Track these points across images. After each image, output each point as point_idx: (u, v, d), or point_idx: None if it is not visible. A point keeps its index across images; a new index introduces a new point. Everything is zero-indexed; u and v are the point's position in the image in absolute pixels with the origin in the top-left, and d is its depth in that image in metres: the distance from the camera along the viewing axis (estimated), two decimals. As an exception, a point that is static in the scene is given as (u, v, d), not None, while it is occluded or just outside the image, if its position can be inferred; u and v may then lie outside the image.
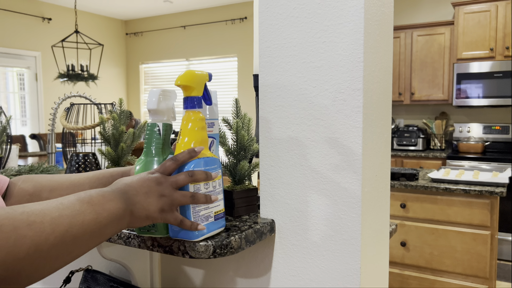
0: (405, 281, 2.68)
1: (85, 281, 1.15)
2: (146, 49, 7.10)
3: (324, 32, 0.84)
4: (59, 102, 1.77)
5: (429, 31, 4.44)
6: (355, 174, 0.83)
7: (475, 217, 2.43)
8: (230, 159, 0.98)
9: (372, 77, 0.85)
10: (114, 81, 7.10)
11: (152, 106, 0.82)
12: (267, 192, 0.95)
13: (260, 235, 0.87)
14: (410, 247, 2.64)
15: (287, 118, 0.90)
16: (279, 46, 0.90)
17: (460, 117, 4.67)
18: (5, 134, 1.66)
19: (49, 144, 1.81)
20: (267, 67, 0.91)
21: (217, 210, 0.79)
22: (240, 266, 1.01)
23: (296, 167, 0.90)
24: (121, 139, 1.26)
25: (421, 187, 2.52)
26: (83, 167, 1.21)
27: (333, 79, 0.84)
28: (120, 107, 1.29)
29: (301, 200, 0.90)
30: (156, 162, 0.80)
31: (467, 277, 2.50)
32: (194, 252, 0.76)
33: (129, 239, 0.84)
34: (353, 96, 0.82)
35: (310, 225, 0.89)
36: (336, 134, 0.84)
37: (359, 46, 0.81)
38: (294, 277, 0.92)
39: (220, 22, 6.35)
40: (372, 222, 0.89)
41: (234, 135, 0.96)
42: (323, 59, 0.85)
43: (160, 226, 0.79)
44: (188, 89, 0.77)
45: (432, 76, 4.47)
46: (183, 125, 0.77)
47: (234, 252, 0.79)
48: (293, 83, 0.88)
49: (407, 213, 2.62)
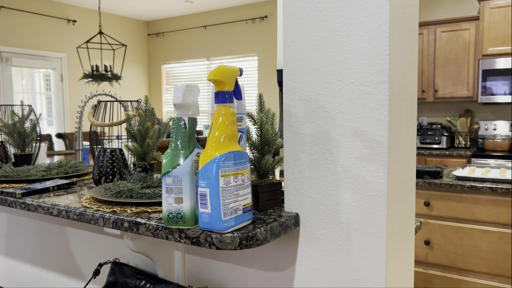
0: (429, 280, 2.64)
1: (113, 274, 1.18)
2: (167, 49, 7.19)
3: (349, 25, 0.84)
4: (85, 100, 1.82)
5: (453, 27, 4.35)
6: (381, 168, 0.83)
7: (502, 215, 2.37)
8: (254, 153, 0.99)
9: (397, 70, 0.85)
10: (136, 81, 7.21)
11: (178, 100, 0.83)
12: (291, 186, 0.95)
13: (285, 228, 0.88)
14: (434, 246, 2.60)
15: (311, 112, 0.90)
16: (303, 40, 0.90)
17: (486, 115, 4.57)
18: (34, 132, 1.71)
19: (76, 141, 1.86)
20: (291, 61, 0.92)
21: (246, 203, 0.80)
22: (264, 259, 1.02)
23: (321, 161, 0.90)
24: (147, 135, 1.28)
25: (445, 185, 2.48)
26: (110, 163, 1.24)
27: (358, 72, 0.84)
28: (146, 104, 1.31)
29: (326, 194, 0.90)
30: (183, 155, 0.82)
31: (494, 277, 2.45)
32: (221, 244, 0.77)
33: (157, 231, 0.85)
34: (378, 89, 0.82)
35: (335, 219, 0.89)
36: (361, 127, 0.84)
37: (384, 39, 0.81)
38: (318, 271, 0.93)
39: (241, 21, 6.37)
40: (397, 216, 0.89)
41: (258, 130, 0.97)
42: (348, 52, 0.85)
43: (188, 218, 0.80)
44: (220, 84, 0.78)
45: (456, 73, 4.39)
46: (214, 119, 0.78)
47: (259, 244, 0.80)
48: (317, 77, 0.89)
49: (431, 211, 2.58)
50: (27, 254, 1.62)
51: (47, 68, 5.95)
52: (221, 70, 0.79)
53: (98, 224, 0.95)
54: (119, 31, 6.88)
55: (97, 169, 1.24)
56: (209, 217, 0.78)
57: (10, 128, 1.65)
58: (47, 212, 1.06)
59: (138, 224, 0.88)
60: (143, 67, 7.35)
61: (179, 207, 0.81)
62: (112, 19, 6.76)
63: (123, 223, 0.91)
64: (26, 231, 1.61)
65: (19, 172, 1.39)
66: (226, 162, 0.77)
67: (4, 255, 1.70)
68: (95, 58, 6.35)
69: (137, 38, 7.22)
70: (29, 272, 1.61)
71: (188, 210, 0.80)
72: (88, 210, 0.98)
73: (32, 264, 1.60)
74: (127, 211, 0.95)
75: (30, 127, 1.68)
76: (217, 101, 0.80)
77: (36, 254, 1.58)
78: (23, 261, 1.63)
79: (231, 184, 0.78)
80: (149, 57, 7.42)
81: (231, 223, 0.78)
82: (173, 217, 0.81)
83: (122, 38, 6.89)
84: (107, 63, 4.92)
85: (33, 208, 1.09)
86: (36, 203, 1.09)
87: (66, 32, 6.13)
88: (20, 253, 1.64)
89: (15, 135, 1.66)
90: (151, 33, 7.33)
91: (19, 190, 1.15)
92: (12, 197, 1.14)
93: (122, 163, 1.26)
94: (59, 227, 1.49)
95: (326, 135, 0.89)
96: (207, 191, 0.77)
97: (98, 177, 1.23)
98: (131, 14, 6.82)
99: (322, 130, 0.89)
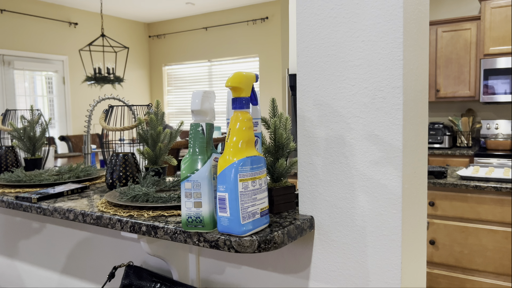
0: (434, 279, 2.66)
1: (127, 277, 1.20)
2: (168, 51, 7.20)
3: (362, 31, 0.86)
4: (94, 104, 1.83)
5: (454, 26, 4.37)
6: (396, 171, 0.84)
7: (507, 215, 2.39)
8: (268, 157, 1.00)
9: (410, 74, 0.86)
10: (138, 83, 7.23)
11: (196, 107, 0.85)
12: (305, 189, 0.97)
13: (300, 231, 0.89)
14: (439, 246, 2.62)
15: (325, 116, 0.92)
16: (317, 46, 0.92)
17: (488, 114, 4.58)
18: (44, 137, 1.72)
19: (85, 145, 1.87)
20: (305, 66, 0.93)
21: (263, 207, 0.82)
22: (279, 262, 1.04)
23: (335, 165, 0.91)
24: (159, 139, 1.30)
25: (450, 184, 2.49)
26: (123, 167, 1.25)
27: (372, 77, 0.85)
28: (157, 109, 1.33)
29: (341, 197, 0.91)
30: (201, 160, 0.83)
31: (499, 276, 2.46)
32: (240, 247, 0.79)
33: (176, 234, 0.87)
34: (392, 94, 0.83)
35: (350, 222, 0.91)
36: (376, 131, 0.85)
37: (398, 44, 0.82)
38: (333, 272, 0.94)
39: (242, 22, 6.39)
40: (411, 218, 0.90)
41: (272, 134, 0.99)
42: (362, 57, 0.86)
43: (207, 221, 0.82)
44: (237, 90, 0.79)
45: (457, 72, 4.40)
46: (232, 124, 0.80)
47: (277, 247, 0.82)
48: (331, 82, 0.90)
49: (436, 211, 2.60)
50: (40, 258, 1.63)
51: (49, 71, 5.97)
52: (238, 76, 0.80)
53: (115, 228, 0.97)
54: (120, 33, 6.89)
55: (110, 173, 1.26)
56: (228, 221, 0.79)
57: (20, 133, 1.67)
58: (63, 216, 1.07)
59: (156, 228, 0.90)
60: (144, 69, 7.37)
61: (198, 211, 0.82)
62: (112, 21, 6.78)
63: (141, 227, 0.92)
64: (37, 234, 1.62)
65: (31, 176, 1.40)
66: (244, 167, 0.78)
67: (16, 259, 1.72)
68: (97, 60, 6.36)
69: (138, 40, 7.23)
70: (42, 276, 1.63)
71: (207, 214, 0.82)
72: (105, 214, 1.00)
73: (45, 268, 1.62)
74: (144, 215, 0.96)
75: (40, 131, 1.70)
76: (235, 107, 0.81)
77: (48, 258, 1.60)
78: (36, 265, 1.65)
79: (249, 189, 0.79)
80: (150, 59, 7.44)
81: (249, 226, 0.80)
82: (192, 221, 0.83)
83: (123, 40, 6.90)
84: (110, 66, 4.94)
85: (49, 213, 1.10)
86: (52, 207, 1.10)
87: (67, 35, 6.15)
88: (32, 256, 1.66)
89: (25, 140, 1.67)
90: (152, 35, 7.35)
91: (34, 195, 1.16)
92: (28, 202, 1.15)
93: (135, 167, 1.27)
94: (71, 231, 1.51)
95: (341, 139, 0.90)
96: (226, 196, 0.78)
97: (111, 181, 1.25)
98: (132, 16, 6.84)
99: (337, 134, 0.90)
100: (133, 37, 7.13)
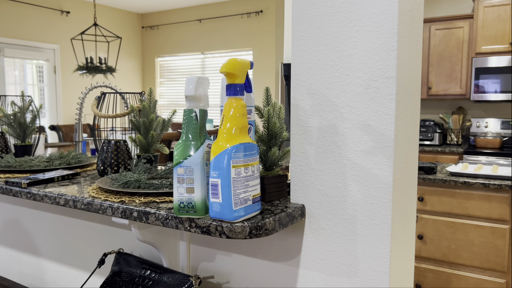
0: (421, 273, 2.69)
1: (117, 263, 1.20)
2: (161, 42, 7.15)
3: (357, 21, 0.86)
4: (86, 92, 1.81)
5: (448, 24, 4.40)
6: (387, 161, 0.85)
7: (494, 211, 2.42)
8: (261, 146, 1.01)
9: (404, 65, 0.87)
10: (130, 74, 7.18)
11: (190, 92, 0.85)
12: (297, 178, 0.97)
13: (292, 219, 0.90)
14: (427, 240, 2.65)
15: (319, 105, 0.92)
16: (312, 35, 0.92)
17: (478, 112, 4.63)
18: (34, 123, 1.71)
19: (76, 133, 1.86)
20: (300, 56, 0.93)
21: (255, 194, 0.82)
22: (269, 249, 1.04)
23: (328, 154, 0.92)
24: (151, 127, 1.29)
25: (439, 180, 2.52)
26: (115, 154, 1.24)
27: (366, 67, 0.86)
28: (150, 96, 1.32)
29: (332, 186, 0.92)
30: (194, 146, 0.83)
31: (485, 270, 2.50)
32: (231, 233, 0.79)
33: (167, 220, 0.87)
34: (386, 84, 0.84)
35: (341, 210, 0.91)
36: (368, 121, 0.86)
37: (393, 35, 0.83)
38: (323, 261, 0.95)
39: (236, 15, 6.36)
40: (401, 208, 0.91)
41: (266, 123, 0.99)
42: (356, 47, 0.86)
43: (199, 207, 0.82)
44: (232, 77, 0.79)
45: (449, 70, 4.44)
46: (226, 111, 0.80)
47: (268, 233, 0.82)
48: (326, 71, 0.90)
49: (425, 207, 2.63)
50: (28, 244, 1.62)
51: (40, 59, 5.90)
52: (233, 63, 0.80)
53: (106, 213, 0.97)
54: (113, 23, 6.83)
55: (101, 160, 1.25)
56: (220, 207, 0.79)
57: (11, 119, 1.65)
58: (54, 202, 1.07)
59: (148, 214, 0.89)
60: (137, 60, 7.31)
61: (190, 196, 0.82)
62: (105, 10, 6.71)
63: (132, 213, 0.92)
64: (26, 221, 1.61)
65: (21, 162, 1.39)
66: (237, 153, 0.79)
67: (4, 245, 1.71)
68: (89, 50, 6.30)
69: (131, 31, 7.17)
70: (31, 263, 1.62)
71: (199, 200, 0.82)
72: (96, 200, 0.99)
73: (33, 254, 1.61)
74: (136, 201, 0.96)
75: (31, 118, 1.68)
76: (229, 94, 0.81)
77: (37, 244, 1.59)
78: (24, 252, 1.64)
79: (241, 175, 0.79)
80: (143, 50, 7.39)
81: (241, 213, 0.80)
82: (184, 206, 0.83)
83: (115, 30, 6.84)
84: (102, 55, 4.89)
85: (39, 198, 1.10)
86: (42, 193, 1.09)
87: (59, 23, 6.07)
88: (21, 243, 1.64)
89: (15, 126, 1.65)
90: (145, 26, 7.29)
91: (24, 180, 1.16)
92: (17, 187, 1.14)
93: (127, 154, 1.27)
94: (61, 217, 1.50)
95: (334, 128, 0.90)
96: (218, 182, 0.78)
97: (103, 167, 1.24)
98: (125, 6, 6.77)
99: (330, 124, 0.91)
100: (126, 27, 7.06)
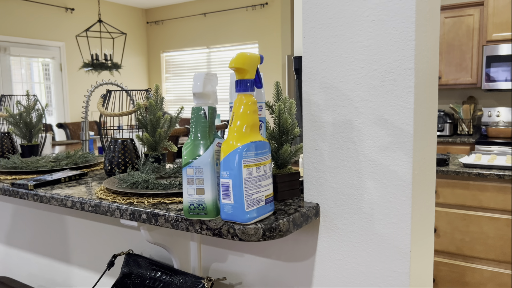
0: (435, 267, 2.65)
1: (127, 265, 1.17)
2: (166, 37, 7.11)
3: (373, 10, 0.82)
4: (91, 89, 1.79)
5: (457, 12, 4.31)
6: (406, 157, 0.81)
7: (509, 202, 2.37)
8: (272, 143, 0.97)
9: (422, 56, 0.83)
10: (136, 70, 7.15)
11: (198, 89, 0.81)
12: (311, 176, 0.93)
13: (306, 219, 0.87)
14: (441, 233, 2.60)
15: (332, 100, 0.88)
16: (324, 26, 0.88)
17: (489, 101, 4.55)
18: (41, 123, 1.69)
19: (82, 131, 1.83)
20: (312, 48, 0.89)
21: (268, 194, 0.78)
22: (283, 250, 1.01)
23: (343, 150, 0.88)
24: (158, 125, 1.26)
25: (452, 172, 2.47)
26: (122, 153, 1.21)
27: (383, 58, 0.81)
28: (156, 94, 1.29)
29: (348, 183, 0.88)
30: (203, 146, 0.80)
31: (500, 263, 2.46)
32: (244, 235, 0.76)
33: (177, 222, 0.84)
34: (404, 76, 0.80)
35: (357, 209, 0.88)
36: (385, 115, 0.82)
37: (410, 24, 0.78)
38: (340, 261, 0.92)
39: (241, 8, 6.30)
40: (420, 205, 0.87)
41: (276, 119, 0.95)
42: (371, 38, 0.82)
43: (209, 209, 0.79)
44: (241, 72, 0.76)
45: (459, 59, 4.35)
46: (235, 108, 0.76)
47: (282, 235, 0.79)
48: (339, 64, 0.86)
49: (438, 199, 2.58)
50: (38, 246, 1.60)
51: (45, 57, 5.89)
52: (242, 57, 0.77)
53: (114, 216, 0.94)
54: (117, 19, 6.80)
55: (108, 159, 1.22)
56: (231, 208, 0.76)
57: (16, 119, 1.63)
58: (61, 204, 1.04)
59: (157, 216, 0.87)
60: (142, 55, 7.28)
61: (201, 198, 0.79)
62: (110, 7, 6.67)
63: (141, 215, 0.89)
64: (35, 222, 1.59)
65: (28, 163, 1.37)
66: (248, 152, 0.75)
67: (14, 247, 1.69)
68: (94, 47, 6.28)
69: (136, 26, 7.14)
70: (41, 264, 1.60)
71: (209, 201, 0.79)
72: (104, 201, 0.96)
73: (43, 255, 1.59)
74: (144, 203, 0.93)
75: (37, 117, 1.66)
76: (238, 90, 0.78)
77: (46, 246, 1.57)
78: (34, 253, 1.62)
79: (253, 175, 0.76)
80: (148, 46, 7.35)
81: (253, 214, 0.77)
82: (194, 208, 0.80)
83: (120, 26, 6.81)
84: (107, 52, 4.87)
85: (46, 200, 1.07)
86: (49, 194, 1.07)
87: (64, 20, 6.05)
88: (30, 244, 1.63)
89: (21, 126, 1.63)
90: (150, 21, 7.25)
91: (30, 182, 1.13)
92: (24, 189, 1.12)
93: (134, 153, 1.24)
94: (69, 218, 1.48)
95: (348, 124, 0.87)
96: (229, 182, 0.75)
97: (110, 167, 1.21)
98: (129, 1, 6.73)
99: (344, 119, 0.87)
100: (131, 23, 7.03)
